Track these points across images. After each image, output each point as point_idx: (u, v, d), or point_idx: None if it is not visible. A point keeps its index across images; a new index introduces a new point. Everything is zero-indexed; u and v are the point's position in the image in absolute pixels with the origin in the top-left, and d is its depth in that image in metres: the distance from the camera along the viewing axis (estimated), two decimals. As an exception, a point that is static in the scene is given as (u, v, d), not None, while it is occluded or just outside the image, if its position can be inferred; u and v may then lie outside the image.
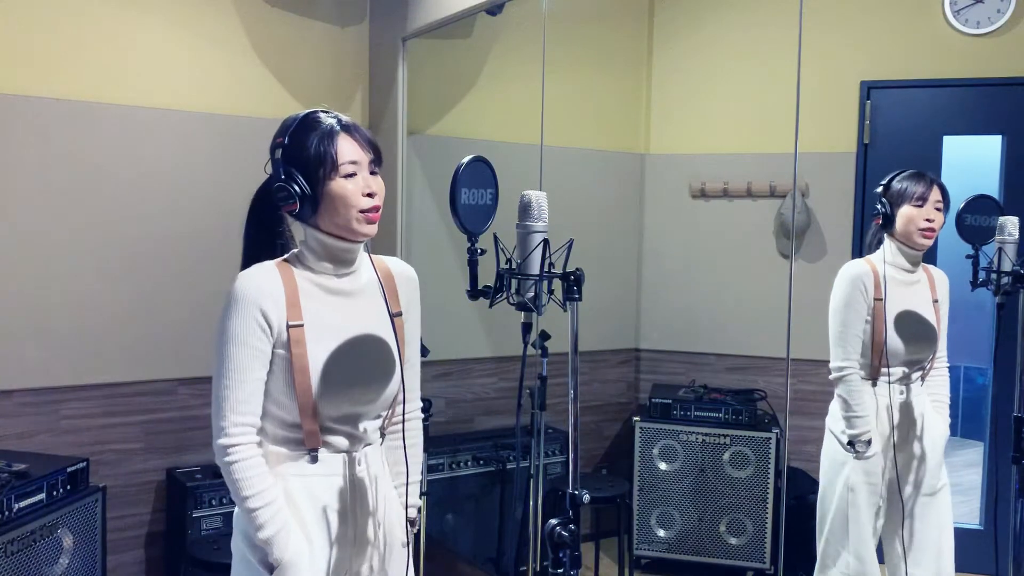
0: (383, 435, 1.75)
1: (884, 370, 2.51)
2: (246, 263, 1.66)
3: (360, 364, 1.64)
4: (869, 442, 2.50)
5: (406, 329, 1.75)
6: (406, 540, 1.78)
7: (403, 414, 1.76)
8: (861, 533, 2.54)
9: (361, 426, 1.67)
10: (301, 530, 1.61)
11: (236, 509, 1.67)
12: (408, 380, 1.75)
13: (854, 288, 2.52)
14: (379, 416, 1.72)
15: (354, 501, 1.67)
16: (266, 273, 1.60)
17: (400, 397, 1.73)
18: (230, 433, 1.56)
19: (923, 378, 2.58)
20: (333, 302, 1.64)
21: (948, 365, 2.67)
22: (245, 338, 1.56)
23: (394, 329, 1.69)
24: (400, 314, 1.73)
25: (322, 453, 1.63)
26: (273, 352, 1.59)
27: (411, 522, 1.80)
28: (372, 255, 1.73)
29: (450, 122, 3.76)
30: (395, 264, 1.78)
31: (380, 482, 1.73)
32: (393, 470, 1.79)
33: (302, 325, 1.59)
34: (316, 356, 1.59)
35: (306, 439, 1.61)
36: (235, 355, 1.56)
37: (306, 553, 1.59)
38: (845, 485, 2.55)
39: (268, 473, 1.59)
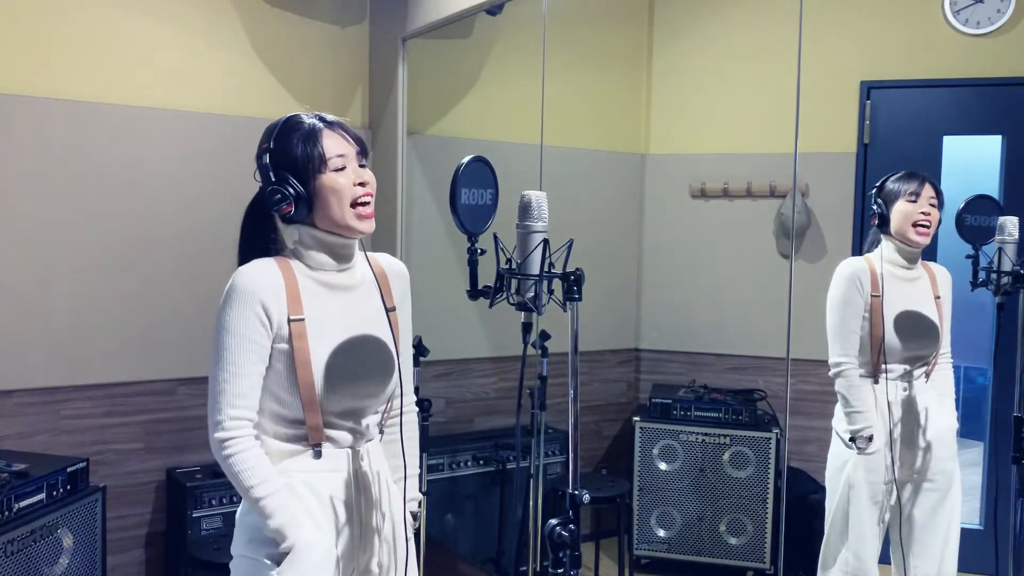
0: (382, 431, 1.77)
1: (885, 367, 2.51)
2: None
3: (363, 359, 1.64)
4: (870, 438, 2.49)
5: (400, 323, 1.76)
6: (409, 534, 1.78)
7: (400, 408, 1.78)
8: (861, 531, 2.54)
9: (363, 421, 1.68)
10: (315, 525, 1.60)
11: (240, 509, 1.67)
12: (403, 374, 1.76)
13: (850, 285, 2.52)
14: (378, 411, 1.73)
15: (359, 496, 1.67)
16: (267, 267, 1.60)
17: (398, 391, 1.74)
18: (227, 427, 1.55)
19: (927, 375, 2.58)
20: (331, 297, 1.65)
21: (951, 360, 2.67)
22: (244, 331, 1.55)
23: (390, 324, 1.70)
24: (394, 309, 1.75)
25: (326, 448, 1.63)
26: (273, 347, 1.59)
27: (413, 516, 1.81)
28: (367, 254, 1.74)
29: (450, 122, 3.76)
30: (387, 260, 1.80)
31: (382, 477, 1.73)
32: (391, 463, 1.79)
33: (303, 319, 1.59)
34: (318, 350, 1.59)
35: (310, 434, 1.61)
36: (233, 348, 1.55)
37: (318, 537, 1.58)
38: (846, 483, 2.55)
39: (269, 462, 1.58)
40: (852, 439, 2.51)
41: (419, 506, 1.87)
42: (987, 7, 3.04)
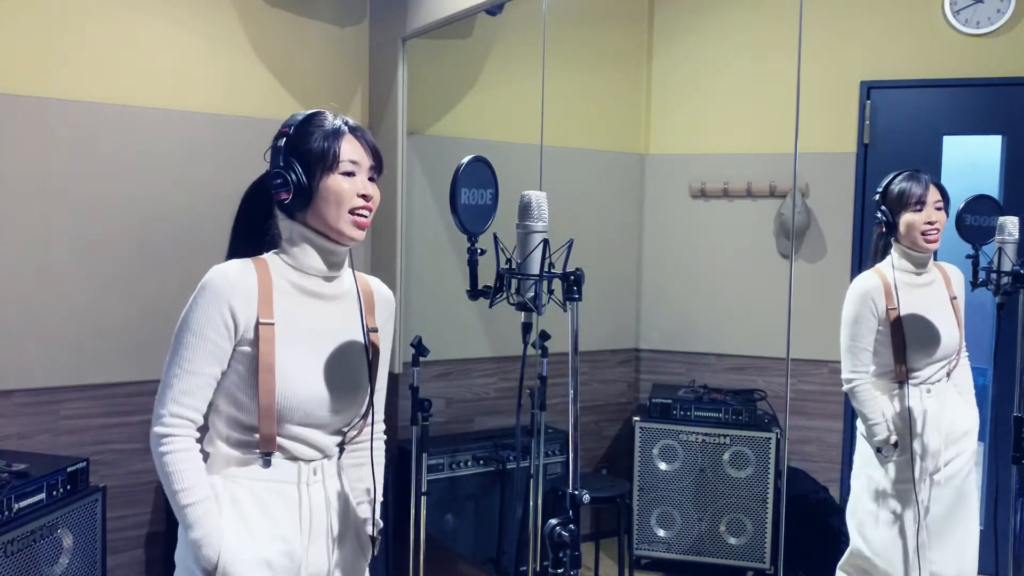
0: (342, 451, 1.70)
1: (908, 373, 2.52)
2: (231, 254, 1.65)
3: (330, 371, 1.60)
4: (896, 444, 2.50)
5: (380, 349, 1.72)
6: (366, 559, 1.73)
7: (371, 435, 1.73)
8: (894, 539, 2.54)
9: (322, 437, 1.62)
10: (248, 535, 1.56)
11: None
12: (376, 401, 1.71)
13: (863, 304, 2.53)
14: (340, 431, 1.67)
15: (306, 513, 1.62)
16: (241, 268, 1.57)
17: (366, 415, 1.69)
18: (166, 423, 1.53)
19: (948, 374, 2.59)
20: (308, 304, 1.62)
21: (968, 354, 2.68)
22: (205, 330, 1.53)
23: (367, 343, 1.66)
24: (375, 330, 1.71)
25: (276, 459, 1.58)
26: (237, 350, 1.56)
27: (372, 541, 1.75)
28: (355, 271, 1.71)
29: (450, 122, 3.76)
30: (375, 283, 1.77)
31: (336, 497, 1.68)
32: (355, 487, 1.74)
33: (273, 323, 1.56)
34: (283, 356, 1.56)
35: (262, 442, 1.56)
36: (190, 344, 1.54)
37: (241, 556, 1.54)
38: (879, 493, 2.55)
39: (202, 470, 1.55)
40: (878, 449, 2.52)
41: (379, 534, 1.78)
42: (987, 7, 3.04)
